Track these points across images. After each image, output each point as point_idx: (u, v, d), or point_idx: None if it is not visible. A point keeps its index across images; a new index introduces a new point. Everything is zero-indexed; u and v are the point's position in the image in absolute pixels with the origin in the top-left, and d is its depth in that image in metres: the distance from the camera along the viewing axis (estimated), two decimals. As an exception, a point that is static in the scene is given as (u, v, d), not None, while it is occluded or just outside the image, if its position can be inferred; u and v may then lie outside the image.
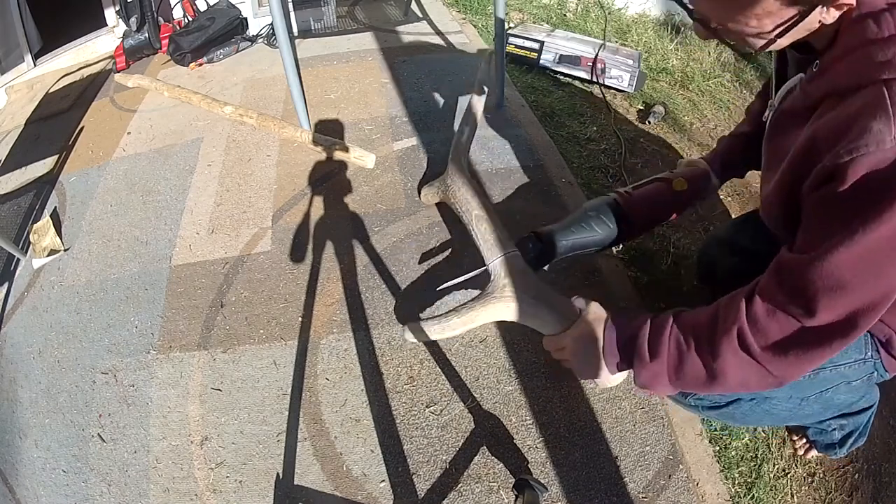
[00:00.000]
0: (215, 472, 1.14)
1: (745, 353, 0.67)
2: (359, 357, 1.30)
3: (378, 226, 1.62)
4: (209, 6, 2.78)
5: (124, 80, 2.49)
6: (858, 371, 0.85)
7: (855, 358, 0.83)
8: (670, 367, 0.73)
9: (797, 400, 0.91)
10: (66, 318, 1.49)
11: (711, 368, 0.69)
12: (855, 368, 0.84)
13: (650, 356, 0.74)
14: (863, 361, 0.83)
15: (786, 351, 0.64)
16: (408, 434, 1.16)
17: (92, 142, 2.16)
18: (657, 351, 0.73)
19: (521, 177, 1.76)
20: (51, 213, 1.83)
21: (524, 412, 1.18)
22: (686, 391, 0.75)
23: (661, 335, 0.74)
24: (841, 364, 0.84)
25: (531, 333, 1.31)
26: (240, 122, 2.10)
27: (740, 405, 0.92)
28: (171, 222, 1.72)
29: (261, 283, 1.50)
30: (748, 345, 0.66)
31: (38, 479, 1.18)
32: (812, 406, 0.94)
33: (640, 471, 1.09)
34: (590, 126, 2.01)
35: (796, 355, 0.64)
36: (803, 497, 1.10)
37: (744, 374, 0.68)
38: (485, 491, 1.07)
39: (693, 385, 0.73)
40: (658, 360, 0.73)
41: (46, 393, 1.33)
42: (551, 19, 2.84)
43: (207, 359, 1.34)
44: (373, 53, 2.50)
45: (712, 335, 0.69)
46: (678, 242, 1.56)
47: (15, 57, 2.65)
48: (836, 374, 0.85)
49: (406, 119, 2.05)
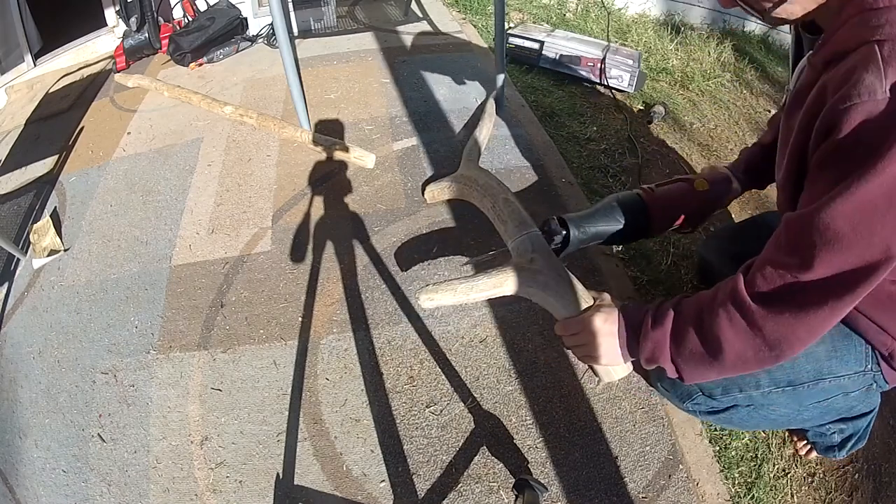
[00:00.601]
0: (215, 472, 1.14)
1: (739, 318, 0.67)
2: (359, 357, 1.30)
3: (378, 226, 1.62)
4: (209, 6, 2.78)
5: (124, 80, 2.49)
6: (857, 382, 0.85)
7: (855, 370, 0.83)
8: (671, 337, 0.74)
9: (795, 407, 0.91)
10: (66, 318, 1.49)
11: (709, 340, 0.70)
12: (854, 380, 0.84)
13: (652, 325, 0.75)
14: (862, 374, 0.84)
15: (780, 309, 0.64)
16: (408, 434, 1.16)
17: (92, 142, 2.16)
18: (660, 320, 0.75)
19: (520, 177, 1.76)
20: (51, 213, 1.83)
21: (524, 412, 1.18)
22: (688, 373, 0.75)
23: (665, 308, 0.76)
24: (840, 375, 0.84)
25: (531, 333, 1.32)
26: (240, 122, 2.10)
27: (737, 410, 0.93)
28: (171, 222, 1.72)
29: (261, 283, 1.50)
30: (741, 302, 0.67)
31: (38, 479, 1.17)
32: (810, 412, 0.94)
33: (640, 471, 1.09)
34: (590, 126, 2.01)
35: (792, 314, 0.63)
36: (803, 497, 1.10)
37: (740, 344, 0.68)
38: (485, 491, 1.07)
39: (693, 361, 0.73)
40: (660, 328, 0.74)
41: (46, 393, 1.33)
42: (551, 19, 2.84)
43: (207, 359, 1.34)
44: (373, 53, 2.50)
45: (711, 303, 0.70)
46: (678, 242, 1.56)
47: (15, 57, 2.65)
48: (834, 386, 0.85)
49: (406, 119, 2.05)
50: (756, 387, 0.87)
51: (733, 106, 2.26)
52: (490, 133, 1.90)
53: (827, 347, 0.83)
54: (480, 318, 1.36)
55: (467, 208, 1.44)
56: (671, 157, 1.91)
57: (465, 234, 1.57)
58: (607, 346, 0.81)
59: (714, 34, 2.78)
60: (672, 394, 1.00)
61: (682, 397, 0.97)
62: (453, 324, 1.35)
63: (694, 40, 2.64)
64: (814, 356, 0.84)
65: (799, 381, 0.85)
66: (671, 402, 1.04)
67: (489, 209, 1.22)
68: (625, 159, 1.87)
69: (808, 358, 0.84)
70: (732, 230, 1.27)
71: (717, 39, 2.65)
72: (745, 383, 0.88)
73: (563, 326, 0.87)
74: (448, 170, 1.72)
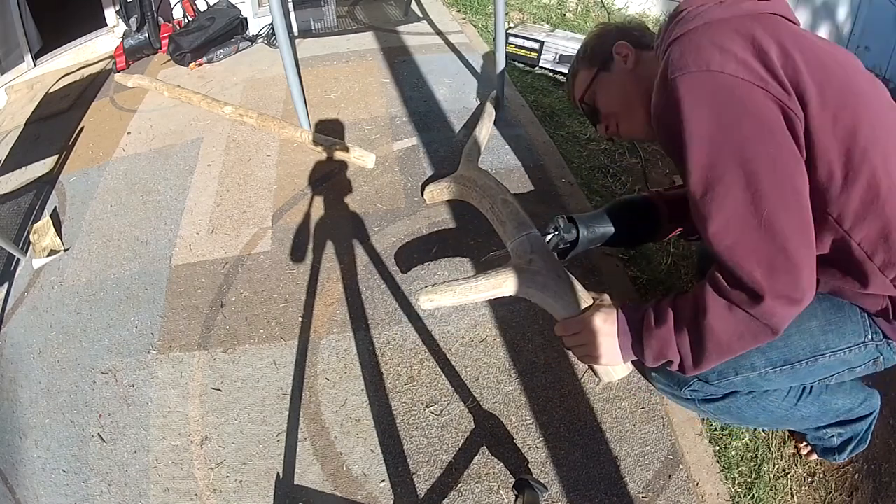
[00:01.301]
0: (215, 472, 1.14)
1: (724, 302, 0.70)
2: (359, 357, 1.30)
3: (378, 226, 1.62)
4: (209, 6, 2.78)
5: (124, 80, 2.49)
6: (861, 355, 0.83)
7: (854, 342, 0.82)
8: (675, 331, 0.76)
9: (796, 394, 0.90)
10: (66, 318, 1.49)
11: (708, 328, 0.72)
12: (856, 353, 0.82)
13: (655, 322, 0.78)
14: (864, 345, 0.82)
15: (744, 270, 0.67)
16: (408, 434, 1.16)
17: (92, 142, 2.16)
18: (661, 317, 0.77)
19: (521, 177, 1.76)
20: (51, 213, 1.83)
21: (524, 412, 1.18)
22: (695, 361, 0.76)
23: (664, 305, 0.78)
24: (840, 349, 0.82)
25: (531, 333, 1.32)
26: (240, 122, 2.10)
27: (737, 398, 0.92)
28: (171, 222, 1.72)
29: (261, 283, 1.50)
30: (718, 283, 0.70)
31: (38, 479, 1.17)
32: (809, 408, 0.93)
33: (640, 471, 1.09)
34: (590, 126, 2.01)
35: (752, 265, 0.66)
36: (803, 497, 1.10)
37: (732, 321, 0.70)
38: (485, 491, 1.07)
39: (697, 351, 0.75)
40: (664, 325, 0.76)
41: (46, 393, 1.33)
42: (551, 19, 2.84)
43: (207, 359, 1.34)
44: (373, 53, 2.50)
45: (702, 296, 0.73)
46: (678, 243, 1.56)
47: (15, 57, 2.65)
48: (836, 361, 0.83)
49: (406, 119, 2.05)
50: (752, 368, 0.86)
51: (733, 106, 2.26)
52: (489, 133, 1.90)
53: (820, 322, 0.83)
54: (480, 318, 1.36)
55: (467, 208, 1.44)
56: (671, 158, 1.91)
57: (465, 235, 1.57)
58: (607, 346, 0.81)
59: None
60: (668, 383, 0.98)
61: (679, 384, 0.96)
62: (453, 324, 1.35)
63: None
64: (807, 331, 0.83)
65: (795, 358, 0.84)
66: (667, 393, 1.02)
67: (488, 210, 1.22)
68: (625, 159, 1.87)
69: (802, 334, 0.83)
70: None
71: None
72: (740, 366, 0.86)
73: (563, 327, 0.87)
74: (448, 170, 1.72)
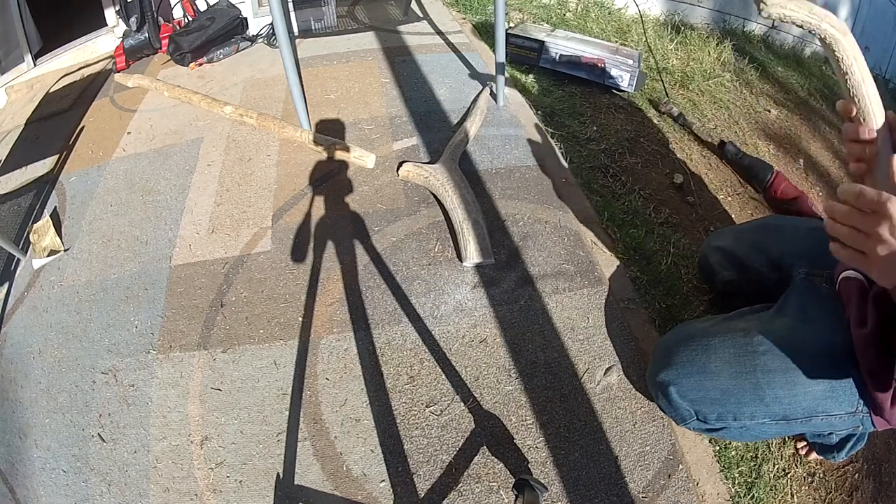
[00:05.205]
0: (215, 472, 1.14)
1: None
2: (359, 357, 1.30)
3: (378, 226, 1.62)
4: (209, 6, 2.78)
5: (124, 80, 2.49)
6: (846, 423, 0.89)
7: (846, 410, 0.87)
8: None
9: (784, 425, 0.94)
10: (66, 318, 1.49)
11: None
12: (843, 420, 0.88)
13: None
14: (853, 414, 0.87)
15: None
16: (408, 434, 1.16)
17: (92, 142, 2.16)
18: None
19: (521, 177, 1.76)
20: (51, 213, 1.83)
21: (524, 412, 1.18)
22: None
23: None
24: (832, 414, 0.87)
25: (531, 333, 1.32)
26: (240, 122, 2.10)
27: (729, 431, 0.98)
28: (171, 222, 1.72)
29: (261, 283, 1.50)
30: None
31: (38, 479, 1.17)
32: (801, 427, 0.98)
33: (640, 471, 1.09)
34: (590, 126, 2.01)
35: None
36: (803, 497, 1.10)
37: None
38: (485, 491, 1.07)
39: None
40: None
41: (46, 393, 1.33)
42: (551, 19, 2.84)
43: (207, 359, 1.34)
44: (373, 53, 2.50)
45: None
46: (678, 242, 1.56)
47: (15, 57, 2.65)
48: (825, 422, 0.89)
49: (406, 119, 2.05)
50: (751, 417, 0.91)
51: (733, 106, 2.26)
52: (479, 126, 1.91)
53: (824, 387, 0.86)
54: (480, 318, 1.36)
55: (467, 208, 1.44)
56: (671, 157, 1.91)
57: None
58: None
59: (714, 34, 2.78)
60: (669, 414, 1.06)
61: (677, 421, 1.03)
62: (453, 324, 1.35)
63: (694, 40, 2.63)
64: (811, 395, 0.87)
65: (793, 416, 0.89)
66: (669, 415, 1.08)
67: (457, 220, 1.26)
68: (625, 159, 1.87)
69: (807, 396, 0.87)
70: (733, 231, 1.28)
71: (717, 39, 2.65)
72: (740, 413, 0.92)
73: (856, 196, 0.55)
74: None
